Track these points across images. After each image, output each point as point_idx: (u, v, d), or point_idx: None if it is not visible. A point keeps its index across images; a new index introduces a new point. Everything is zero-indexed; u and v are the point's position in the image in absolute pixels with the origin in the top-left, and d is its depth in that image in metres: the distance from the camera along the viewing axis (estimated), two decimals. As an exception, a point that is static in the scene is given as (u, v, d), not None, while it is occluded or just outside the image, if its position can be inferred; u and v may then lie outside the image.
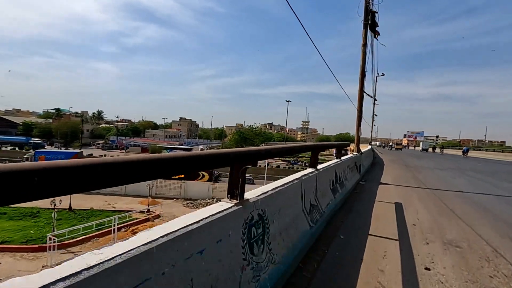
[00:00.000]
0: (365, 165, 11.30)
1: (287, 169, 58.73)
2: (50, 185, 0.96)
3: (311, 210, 3.77)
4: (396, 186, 8.34)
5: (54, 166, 0.97)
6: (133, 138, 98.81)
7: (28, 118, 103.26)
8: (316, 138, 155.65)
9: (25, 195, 0.90)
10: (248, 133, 61.59)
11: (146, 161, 1.32)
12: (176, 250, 1.40)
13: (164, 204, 29.44)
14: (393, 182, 8.99)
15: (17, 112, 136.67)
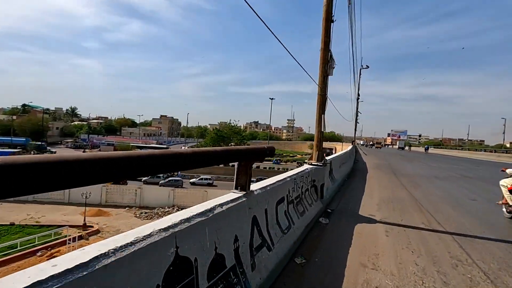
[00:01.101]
0: (337, 178, 7.37)
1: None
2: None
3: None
4: (386, 225, 4.41)
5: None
6: (106, 137, 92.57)
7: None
8: (301, 137, 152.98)
9: None
10: (226, 132, 57.27)
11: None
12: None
13: (114, 214, 24.89)
14: (380, 213, 5.08)
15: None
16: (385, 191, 7.25)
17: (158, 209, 26.32)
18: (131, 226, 22.32)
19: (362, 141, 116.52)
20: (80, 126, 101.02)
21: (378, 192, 7.11)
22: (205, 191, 28.02)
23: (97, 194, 27.14)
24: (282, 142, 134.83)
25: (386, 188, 7.78)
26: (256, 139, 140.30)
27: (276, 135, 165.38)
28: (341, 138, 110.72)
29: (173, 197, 27.69)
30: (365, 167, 12.94)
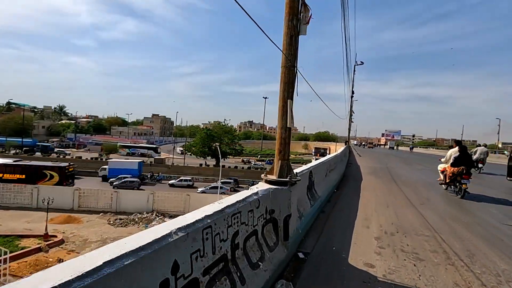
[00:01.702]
0: (321, 193, 5.39)
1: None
2: None
3: None
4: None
5: None
6: (94, 136, 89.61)
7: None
8: (295, 137, 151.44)
9: None
10: (217, 131, 55.08)
11: None
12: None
13: (85, 221, 22.64)
14: (382, 261, 3.09)
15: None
16: (386, 212, 5.29)
17: (135, 215, 24.15)
18: (101, 235, 20.16)
19: (355, 141, 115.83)
20: (67, 124, 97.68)
21: (377, 214, 5.15)
22: (188, 194, 25.91)
23: (68, 198, 24.88)
24: (276, 142, 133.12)
25: (387, 206, 5.84)
26: (250, 138, 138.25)
27: (271, 134, 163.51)
28: (336, 138, 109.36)
29: (153, 202, 25.52)
30: (359, 173, 11.05)
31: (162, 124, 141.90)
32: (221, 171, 30.68)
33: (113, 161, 39.51)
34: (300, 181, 3.40)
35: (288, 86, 2.93)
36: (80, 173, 38.61)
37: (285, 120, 2.97)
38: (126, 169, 36.40)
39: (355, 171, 11.68)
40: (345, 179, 9.10)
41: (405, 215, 5.13)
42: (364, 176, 10.05)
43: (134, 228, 21.99)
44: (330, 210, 5.29)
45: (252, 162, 69.36)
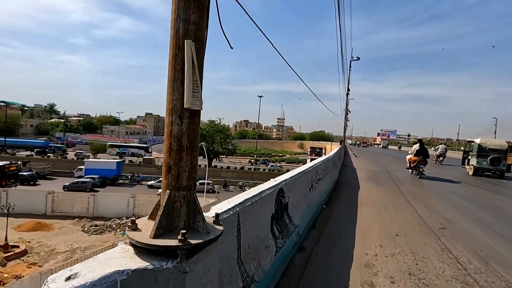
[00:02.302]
0: (301, 219, 3.62)
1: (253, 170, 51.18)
2: None
3: None
4: None
5: None
6: (84, 135, 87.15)
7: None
8: (291, 136, 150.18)
9: None
10: (208, 130, 53.13)
11: None
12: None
13: (57, 228, 20.69)
14: None
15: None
16: (396, 249, 3.51)
17: (113, 221, 22.22)
18: (71, 244, 18.23)
19: (351, 141, 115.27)
20: (57, 123, 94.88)
21: (383, 253, 3.39)
22: (172, 198, 24.01)
23: (40, 203, 22.88)
24: (271, 141, 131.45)
25: (396, 235, 4.07)
26: (245, 138, 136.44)
27: (266, 134, 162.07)
28: (331, 137, 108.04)
29: (133, 206, 23.62)
30: (355, 178, 9.32)
31: (155, 123, 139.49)
32: (207, 171, 28.86)
33: (90, 161, 37.58)
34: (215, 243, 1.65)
35: (185, 6, 1.17)
36: (55, 173, 36.85)
37: (179, 94, 1.21)
38: (103, 170, 34.43)
39: (351, 175, 9.95)
40: (339, 187, 7.37)
41: (425, 253, 3.38)
42: (361, 182, 8.33)
43: (110, 236, 20.11)
44: (313, 245, 3.52)
45: (267, 162, 66.57)
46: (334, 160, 8.79)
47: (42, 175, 34.32)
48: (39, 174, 33.79)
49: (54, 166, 39.12)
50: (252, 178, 44.99)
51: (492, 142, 13.43)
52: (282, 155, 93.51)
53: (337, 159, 10.55)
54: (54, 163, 40.66)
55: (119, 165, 36.98)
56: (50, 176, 35.90)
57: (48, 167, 37.20)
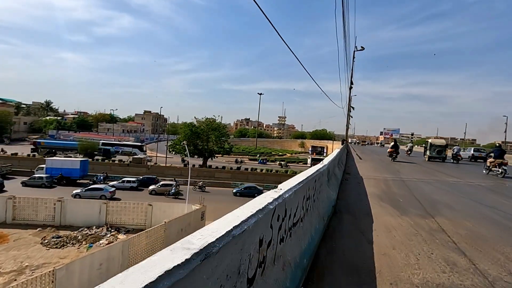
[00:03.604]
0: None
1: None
2: None
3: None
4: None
5: None
6: (78, 133, 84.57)
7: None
8: (292, 135, 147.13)
9: None
10: (203, 127, 50.19)
11: None
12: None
13: (13, 240, 17.87)
14: None
15: None
16: None
17: (80, 231, 19.39)
18: (22, 261, 15.35)
19: (354, 140, 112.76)
20: (51, 121, 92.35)
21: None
22: (150, 204, 21.16)
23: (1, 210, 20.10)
24: (272, 140, 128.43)
25: None
26: (245, 136, 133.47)
27: (267, 132, 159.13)
28: (333, 136, 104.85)
29: (106, 213, 20.75)
30: (362, 198, 6.31)
31: (154, 121, 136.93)
32: (189, 171, 26.00)
33: (52, 160, 35.05)
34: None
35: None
36: (15, 172, 34.71)
37: None
38: (66, 169, 32.23)
39: (357, 191, 6.91)
40: (337, 222, 4.36)
41: None
42: (373, 206, 5.34)
43: (72, 250, 17.29)
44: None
45: (265, 162, 63.03)
46: (332, 170, 5.83)
47: (1, 174, 32.27)
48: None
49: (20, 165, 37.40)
50: (248, 179, 42.04)
51: (438, 141, 21.33)
52: (282, 154, 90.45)
53: (337, 166, 7.55)
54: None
55: (83, 164, 34.26)
56: (10, 175, 33.70)
57: (7, 165, 35.15)
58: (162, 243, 16.75)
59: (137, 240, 14.97)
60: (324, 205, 4.20)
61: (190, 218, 19.68)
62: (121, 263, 13.85)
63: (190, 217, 19.79)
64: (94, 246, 17.93)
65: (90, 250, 17.25)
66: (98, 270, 12.80)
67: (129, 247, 14.24)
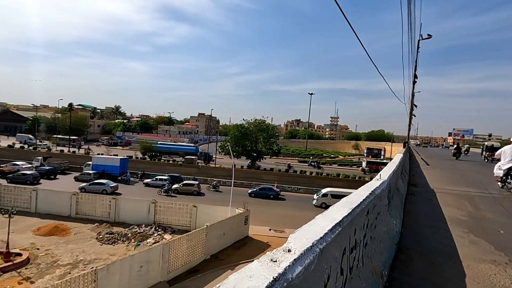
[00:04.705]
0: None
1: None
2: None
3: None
4: None
5: None
6: (140, 134, 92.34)
7: (43, 113, 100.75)
8: (345, 136, 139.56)
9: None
10: (251, 129, 49.96)
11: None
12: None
13: (74, 233, 19.35)
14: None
15: (43, 108, 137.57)
16: None
17: (130, 228, 20.18)
18: (77, 255, 16.35)
19: (416, 141, 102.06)
20: (119, 123, 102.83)
21: None
22: (194, 206, 21.12)
23: (65, 206, 22.08)
24: (323, 142, 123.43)
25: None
26: (296, 137, 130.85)
27: (318, 133, 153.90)
28: (392, 137, 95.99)
29: (154, 213, 21.32)
30: (438, 219, 4.49)
31: (207, 123, 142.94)
32: (233, 172, 25.43)
33: (96, 157, 38.67)
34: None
35: None
36: (71, 169, 39.16)
37: None
38: (108, 166, 35.29)
39: (428, 214, 4.98)
40: (403, 266, 2.75)
41: None
42: (458, 242, 3.54)
43: (121, 247, 17.95)
44: None
45: (316, 164, 59.99)
46: (395, 185, 4.18)
47: (60, 170, 36.97)
48: (57, 169, 36.45)
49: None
50: (295, 182, 40.26)
51: (495, 143, 23.52)
52: (334, 156, 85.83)
53: (400, 176, 5.71)
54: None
55: (123, 162, 36.84)
56: (67, 171, 38.45)
57: (64, 162, 39.71)
58: (203, 247, 16.35)
59: (178, 243, 14.70)
60: (382, 247, 2.71)
61: (233, 222, 19.02)
62: (161, 266, 13.69)
63: (233, 221, 19.12)
64: (141, 244, 18.40)
65: (137, 248, 17.71)
66: (138, 272, 12.75)
67: (169, 250, 14.01)
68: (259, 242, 19.62)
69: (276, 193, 33.12)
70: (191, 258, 15.51)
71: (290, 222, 23.86)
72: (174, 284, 13.92)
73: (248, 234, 20.24)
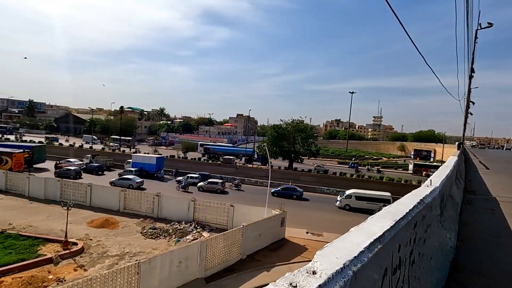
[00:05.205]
0: None
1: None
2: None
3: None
4: None
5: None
6: (182, 135, 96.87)
7: (98, 116, 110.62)
8: (389, 136, 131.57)
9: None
10: (289, 129, 49.39)
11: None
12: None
13: (121, 227, 20.82)
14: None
15: (98, 110, 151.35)
16: None
17: (171, 225, 21.13)
18: (124, 247, 17.53)
19: (473, 143, 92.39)
20: (163, 125, 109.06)
21: None
22: (231, 205, 21.42)
23: (115, 201, 23.89)
24: (365, 142, 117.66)
25: None
26: (335, 138, 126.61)
27: (359, 134, 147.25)
28: (443, 137, 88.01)
29: (193, 210, 22.07)
30: (504, 235, 3.85)
31: (245, 124, 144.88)
32: (270, 172, 25.20)
33: (135, 155, 42.16)
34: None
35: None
36: (115, 165, 42.97)
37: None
38: (145, 164, 38.55)
39: (490, 227, 4.27)
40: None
41: None
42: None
43: (163, 242, 18.85)
44: None
45: (356, 166, 56.62)
46: (448, 192, 3.63)
47: (106, 167, 40.68)
48: (104, 167, 40.22)
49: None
50: (334, 185, 38.78)
51: None
52: (377, 158, 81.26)
53: (455, 182, 5.00)
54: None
55: (159, 160, 39.70)
56: (112, 168, 42.30)
57: (109, 160, 43.85)
58: (239, 247, 16.47)
59: (215, 241, 14.97)
60: (433, 266, 2.33)
61: (269, 224, 18.89)
62: (198, 263, 14.05)
63: (270, 223, 18.99)
64: (181, 240, 19.13)
65: (177, 244, 18.44)
66: (178, 268, 13.22)
67: (206, 248, 14.33)
68: (295, 244, 19.23)
69: (299, 193, 32.93)
70: (227, 257, 15.71)
71: (314, 223, 23.40)
72: (211, 281, 14.20)
73: (284, 236, 19.95)
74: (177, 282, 13.18)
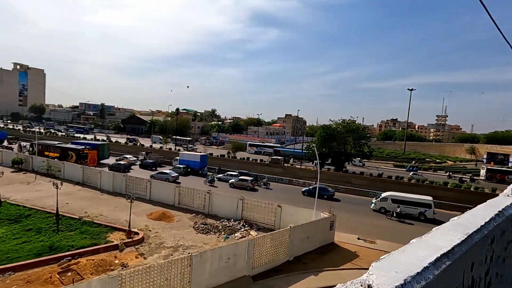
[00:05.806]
0: None
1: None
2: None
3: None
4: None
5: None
6: (232, 135, 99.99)
7: (157, 117, 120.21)
8: (456, 137, 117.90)
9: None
10: (339, 129, 47.46)
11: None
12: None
13: (176, 221, 22.30)
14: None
15: (157, 112, 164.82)
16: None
17: (221, 221, 21.94)
18: (178, 240, 18.76)
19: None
20: (214, 125, 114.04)
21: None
22: (279, 205, 21.38)
23: (170, 196, 25.71)
24: (425, 144, 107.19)
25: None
26: (391, 139, 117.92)
27: (419, 134, 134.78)
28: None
29: (242, 209, 22.60)
30: None
31: (294, 124, 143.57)
32: (319, 173, 24.43)
33: (182, 153, 45.42)
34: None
35: None
36: (165, 162, 46.92)
37: None
38: (190, 161, 41.59)
39: None
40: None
41: None
42: None
43: (213, 237, 19.67)
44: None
45: (415, 169, 51.55)
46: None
47: (158, 163, 44.54)
48: (156, 163, 44.16)
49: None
50: (388, 188, 36.03)
51: None
52: (440, 162, 73.25)
53: None
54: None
55: (203, 158, 42.66)
56: (163, 164, 46.08)
57: (160, 157, 47.88)
58: (286, 248, 16.36)
59: (262, 241, 15.11)
60: None
61: (317, 226, 18.41)
62: (246, 261, 14.33)
63: (318, 225, 18.50)
64: (230, 237, 19.75)
65: (226, 240, 19.07)
66: (226, 263, 13.66)
67: (254, 246, 14.54)
68: (345, 250, 18.40)
69: (330, 193, 31.97)
70: (274, 257, 15.72)
71: (352, 227, 22.28)
72: (258, 280, 14.36)
73: (333, 240, 19.24)
74: (225, 277, 13.61)
